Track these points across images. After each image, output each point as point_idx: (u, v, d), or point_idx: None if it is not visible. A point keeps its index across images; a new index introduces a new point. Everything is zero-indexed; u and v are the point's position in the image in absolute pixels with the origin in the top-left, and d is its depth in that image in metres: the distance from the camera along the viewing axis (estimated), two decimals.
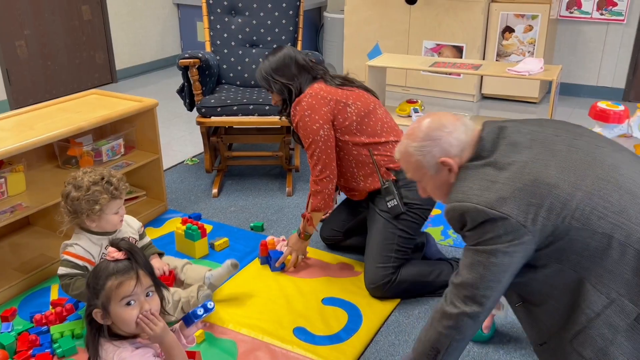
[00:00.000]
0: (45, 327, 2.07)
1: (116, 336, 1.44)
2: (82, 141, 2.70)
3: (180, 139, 3.94)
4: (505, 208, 1.38)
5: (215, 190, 3.15)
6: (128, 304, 1.39)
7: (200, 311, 1.60)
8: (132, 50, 5.44)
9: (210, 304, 1.61)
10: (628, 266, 1.37)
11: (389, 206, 2.22)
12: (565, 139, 1.50)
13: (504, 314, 2.03)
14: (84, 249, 2.06)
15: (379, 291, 2.23)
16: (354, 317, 2.16)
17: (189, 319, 1.60)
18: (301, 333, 2.08)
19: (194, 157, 3.66)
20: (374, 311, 2.18)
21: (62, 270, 2.05)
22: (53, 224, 2.64)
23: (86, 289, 1.44)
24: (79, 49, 4.95)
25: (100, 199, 1.97)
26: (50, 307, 2.19)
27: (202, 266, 2.29)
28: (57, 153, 2.66)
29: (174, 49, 5.86)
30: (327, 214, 2.64)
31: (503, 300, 1.87)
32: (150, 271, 1.46)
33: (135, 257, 1.43)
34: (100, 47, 5.13)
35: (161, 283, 1.53)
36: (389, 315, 2.18)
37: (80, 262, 2.05)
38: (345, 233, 2.54)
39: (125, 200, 2.87)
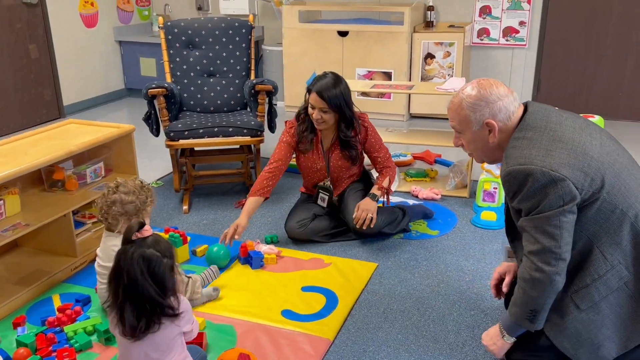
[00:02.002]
0: (58, 327, 2.29)
1: None
2: (64, 166, 2.94)
3: (141, 165, 4.15)
4: (565, 171, 1.62)
5: (185, 207, 3.44)
6: None
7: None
8: (78, 87, 5.62)
9: None
10: (631, 240, 1.68)
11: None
12: (596, 129, 1.78)
13: None
14: None
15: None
16: (331, 299, 2.52)
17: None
18: (288, 314, 2.42)
19: (157, 180, 3.92)
20: (347, 292, 2.56)
21: None
22: (41, 243, 2.86)
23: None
24: (27, 86, 5.10)
25: (147, 201, 2.31)
26: (57, 312, 2.42)
27: None
28: (44, 177, 2.88)
29: (117, 84, 6.09)
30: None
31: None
32: None
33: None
34: (48, 84, 5.29)
35: None
36: (360, 295, 2.56)
37: None
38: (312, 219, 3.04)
39: None
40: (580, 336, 1.76)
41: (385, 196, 3.03)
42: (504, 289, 2.05)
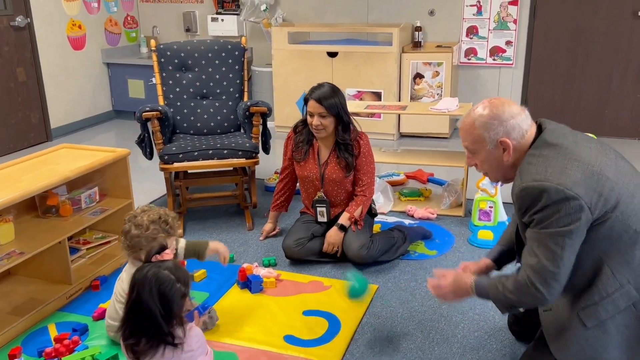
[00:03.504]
0: (56, 358, 2.24)
1: None
2: (58, 192, 2.89)
3: None
4: (578, 190, 1.62)
5: (180, 231, 3.40)
6: None
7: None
8: (66, 109, 5.57)
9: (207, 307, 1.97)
10: None
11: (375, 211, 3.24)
12: (610, 150, 1.80)
13: None
14: None
15: (365, 250, 2.88)
16: (333, 323, 2.50)
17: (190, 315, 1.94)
18: (291, 339, 2.39)
19: (149, 203, 3.88)
20: (349, 316, 2.54)
21: None
22: (34, 271, 2.81)
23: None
24: (15, 109, 5.04)
25: (158, 236, 2.19)
26: (54, 342, 2.36)
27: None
28: (38, 203, 2.83)
29: (105, 105, 6.04)
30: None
31: None
32: None
33: None
34: (35, 107, 5.23)
35: None
36: (362, 318, 2.54)
37: None
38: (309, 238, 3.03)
39: (99, 245, 3.10)
40: (584, 354, 1.76)
41: (354, 225, 2.99)
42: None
